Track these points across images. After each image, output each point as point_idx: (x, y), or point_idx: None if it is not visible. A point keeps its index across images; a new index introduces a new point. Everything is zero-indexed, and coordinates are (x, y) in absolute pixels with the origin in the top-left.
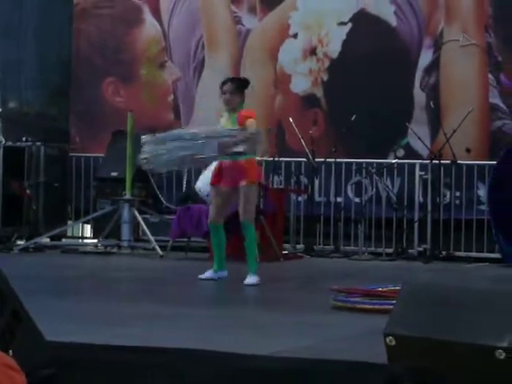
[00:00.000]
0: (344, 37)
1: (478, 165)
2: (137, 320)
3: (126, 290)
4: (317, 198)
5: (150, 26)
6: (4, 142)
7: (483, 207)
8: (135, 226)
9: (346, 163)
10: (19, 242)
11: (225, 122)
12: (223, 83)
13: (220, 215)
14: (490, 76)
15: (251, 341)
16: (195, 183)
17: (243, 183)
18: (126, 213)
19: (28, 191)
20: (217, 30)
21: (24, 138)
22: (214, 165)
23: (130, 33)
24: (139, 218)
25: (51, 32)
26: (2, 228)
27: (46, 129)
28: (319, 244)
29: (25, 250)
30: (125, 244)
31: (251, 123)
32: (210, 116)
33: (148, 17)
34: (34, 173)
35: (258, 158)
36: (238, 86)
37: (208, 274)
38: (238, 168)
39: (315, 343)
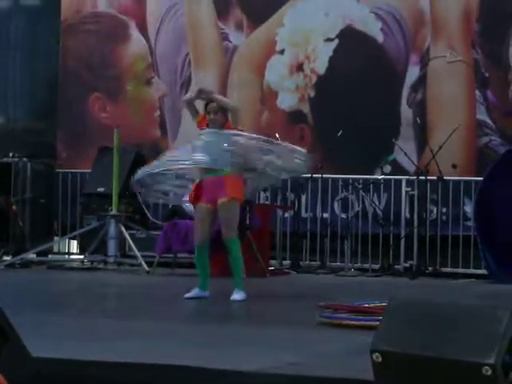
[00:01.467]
0: (331, 53)
1: (465, 181)
2: (123, 336)
3: (112, 305)
4: (303, 214)
5: (136, 41)
6: None
7: (470, 223)
8: (122, 241)
9: (333, 179)
10: (5, 258)
11: None
12: (207, 103)
13: (205, 235)
14: (476, 92)
15: (237, 357)
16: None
17: (224, 199)
18: (112, 228)
19: (14, 207)
20: (203, 46)
21: (11, 154)
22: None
23: (117, 49)
24: (126, 234)
25: (38, 48)
26: None
27: (32, 144)
28: (306, 260)
29: (11, 265)
30: (111, 260)
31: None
32: (196, 132)
33: (134, 33)
34: (20, 188)
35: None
36: (221, 105)
37: (193, 292)
38: (220, 183)
39: (301, 359)
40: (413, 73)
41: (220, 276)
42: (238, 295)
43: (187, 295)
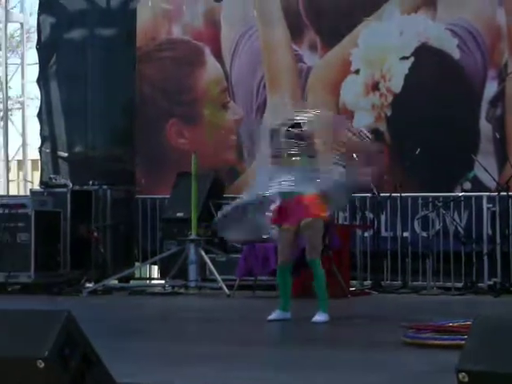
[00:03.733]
0: (406, 71)
1: None
2: (205, 360)
3: (193, 330)
4: (383, 233)
5: (211, 67)
6: (71, 186)
7: None
8: (202, 265)
9: (412, 197)
10: (88, 285)
11: None
12: (292, 126)
13: (289, 256)
14: None
15: (320, 379)
16: None
17: (308, 219)
18: (192, 253)
19: (95, 234)
20: (278, 68)
21: (90, 182)
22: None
23: (192, 74)
24: (206, 258)
25: (115, 75)
26: (71, 271)
27: (111, 171)
28: (387, 280)
29: (93, 292)
30: (192, 284)
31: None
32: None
33: (209, 58)
34: (100, 216)
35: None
36: None
37: (276, 314)
38: (302, 204)
39: (386, 381)
40: (491, 88)
41: (299, 297)
42: (320, 317)
43: (270, 317)
